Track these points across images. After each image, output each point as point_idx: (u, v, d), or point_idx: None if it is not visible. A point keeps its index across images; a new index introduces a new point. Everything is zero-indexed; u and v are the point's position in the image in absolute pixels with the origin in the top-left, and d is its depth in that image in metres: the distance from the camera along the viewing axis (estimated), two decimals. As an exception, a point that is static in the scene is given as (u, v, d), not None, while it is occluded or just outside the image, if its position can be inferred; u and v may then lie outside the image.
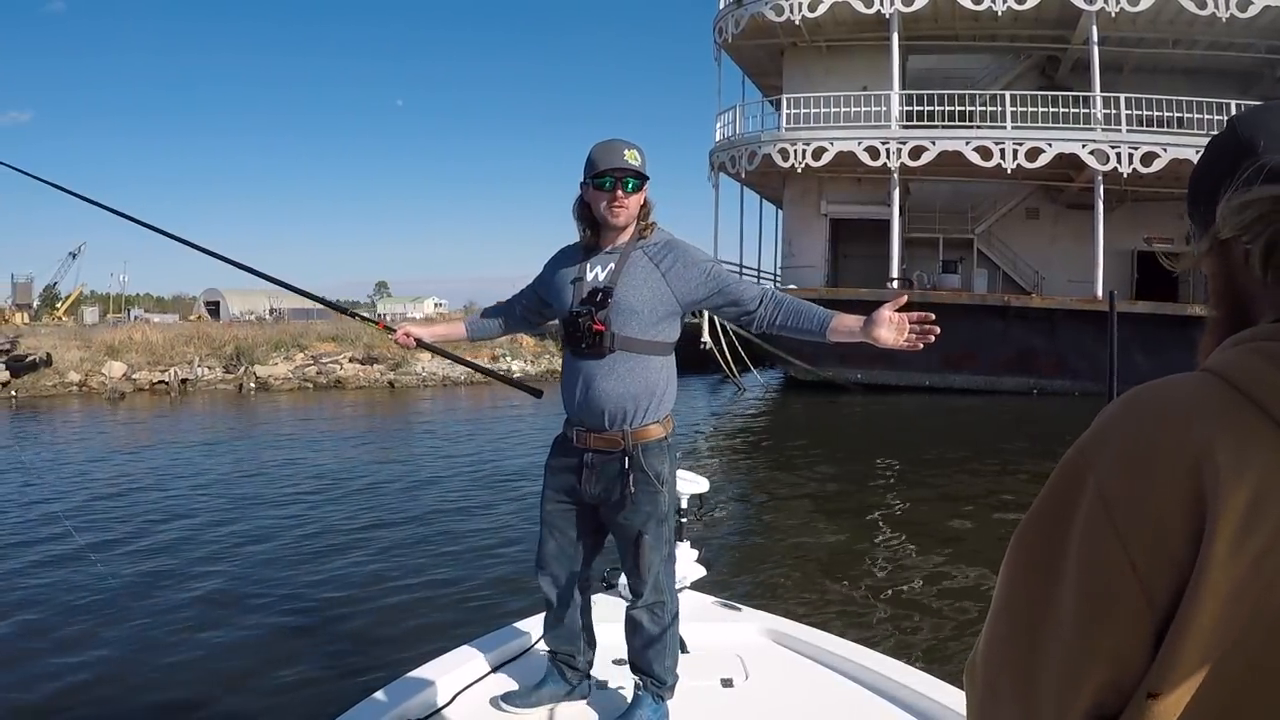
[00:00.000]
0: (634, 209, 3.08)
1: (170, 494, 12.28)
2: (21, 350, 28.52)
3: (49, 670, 6.10)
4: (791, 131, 27.63)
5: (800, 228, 30.20)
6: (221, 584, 7.97)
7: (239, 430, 19.83)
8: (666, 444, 3.14)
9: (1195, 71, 28.30)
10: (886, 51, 27.33)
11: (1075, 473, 0.85)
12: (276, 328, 32.27)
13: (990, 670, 0.91)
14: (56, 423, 21.91)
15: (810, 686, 3.52)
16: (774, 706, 3.36)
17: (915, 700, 3.27)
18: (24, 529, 10.30)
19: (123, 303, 69.68)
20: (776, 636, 3.92)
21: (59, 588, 7.93)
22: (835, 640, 3.85)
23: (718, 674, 3.54)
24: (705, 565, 4.31)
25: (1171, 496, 0.78)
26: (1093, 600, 0.81)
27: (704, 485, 4.18)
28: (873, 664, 3.56)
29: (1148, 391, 0.86)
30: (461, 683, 3.41)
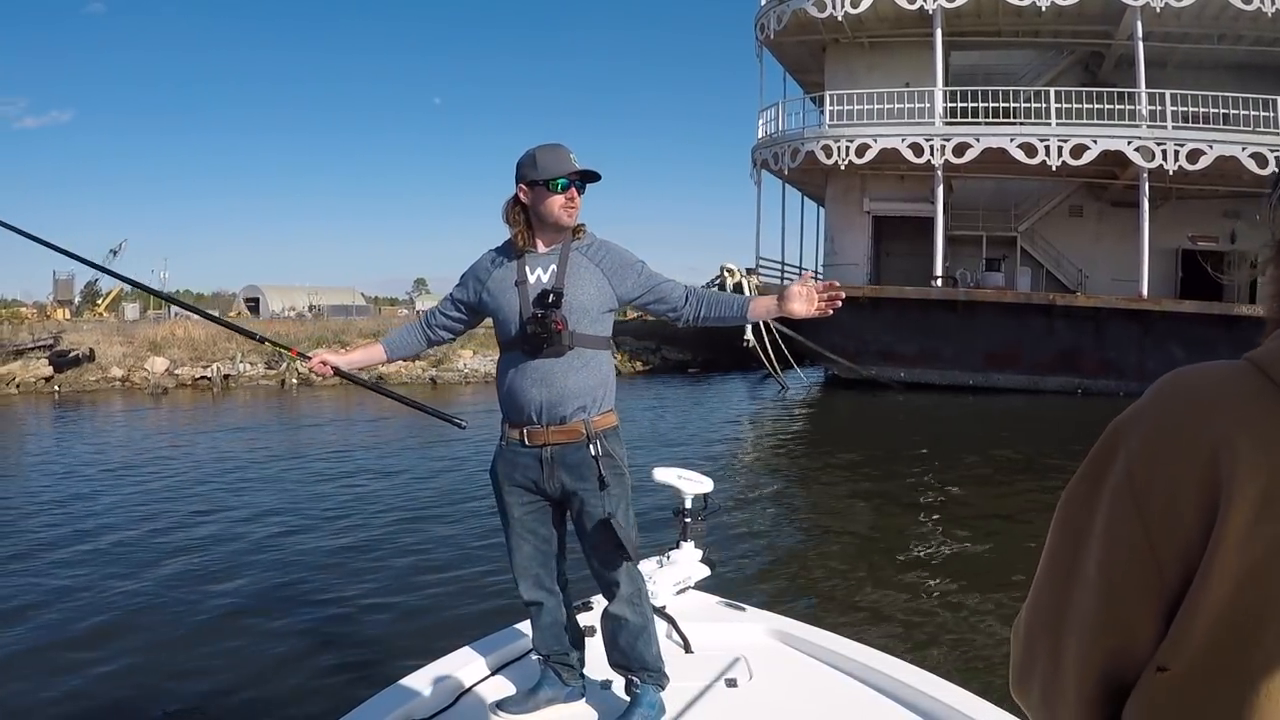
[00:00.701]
0: (580, 208, 3.20)
1: (206, 488, 12.47)
2: (64, 346, 28.78)
3: (68, 662, 6.22)
4: (835, 128, 27.40)
5: (843, 225, 29.99)
6: (238, 580, 8.07)
7: (281, 426, 19.98)
8: (619, 430, 3.26)
9: (1240, 67, 27.81)
10: (929, 48, 27.06)
11: (1109, 448, 0.89)
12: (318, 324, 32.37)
13: (1030, 628, 0.97)
14: (99, 417, 22.14)
15: (815, 687, 3.52)
16: (778, 707, 3.34)
17: (921, 700, 3.28)
18: (60, 520, 10.53)
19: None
20: (781, 636, 3.93)
21: (79, 582, 8.08)
22: (840, 640, 3.84)
23: (722, 674, 3.53)
24: (710, 565, 4.32)
25: (1189, 479, 0.81)
26: (1110, 570, 0.86)
27: (708, 485, 4.22)
28: (878, 664, 3.57)
29: (1183, 375, 0.89)
30: (463, 685, 3.43)
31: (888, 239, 30.26)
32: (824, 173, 28.73)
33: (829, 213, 30.97)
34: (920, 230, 27.96)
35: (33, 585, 8.00)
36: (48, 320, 38.64)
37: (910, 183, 28.27)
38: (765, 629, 3.98)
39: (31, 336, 29.30)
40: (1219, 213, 28.10)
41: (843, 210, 29.93)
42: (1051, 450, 14.86)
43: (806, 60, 30.89)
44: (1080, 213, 30.52)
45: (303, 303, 53.13)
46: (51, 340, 28.85)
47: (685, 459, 14.14)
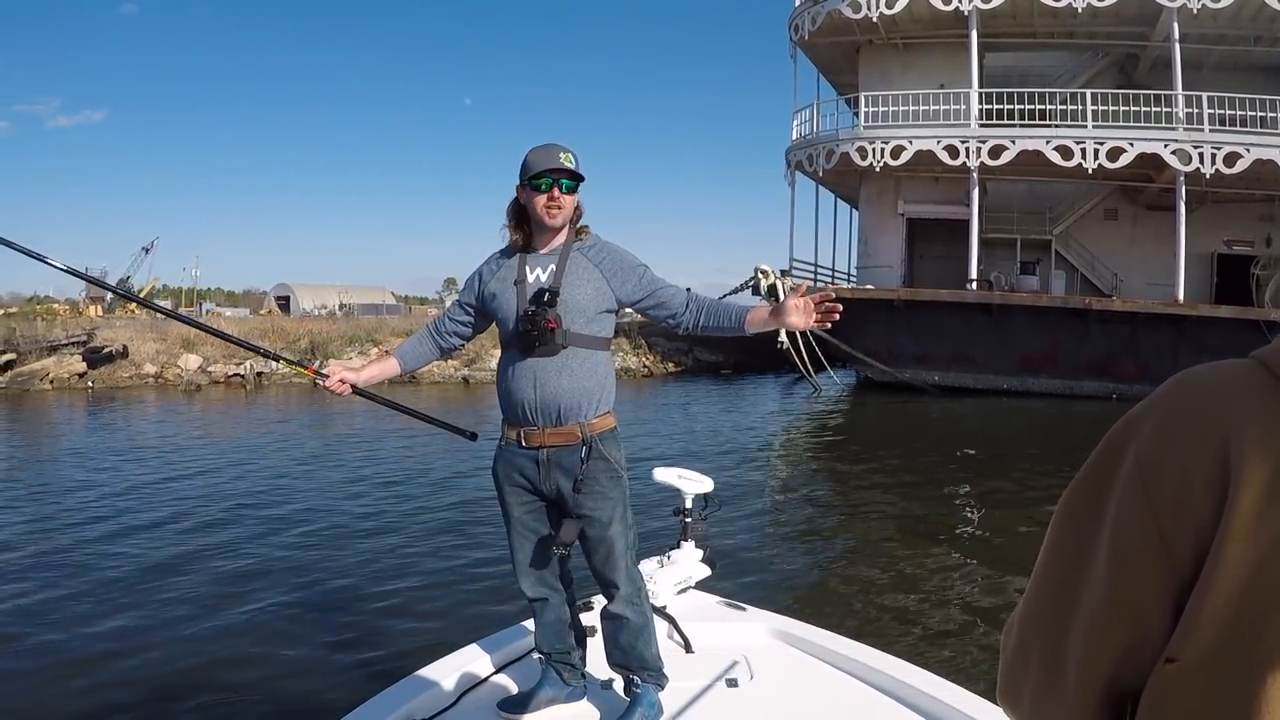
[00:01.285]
0: (569, 209, 3.18)
1: (228, 483, 12.63)
2: (98, 342, 28.96)
3: (81, 652, 6.36)
4: (870, 130, 27.27)
5: (876, 227, 29.84)
6: (246, 575, 8.19)
7: (311, 423, 20.06)
8: (616, 432, 3.24)
9: (1277, 69, 27.61)
10: (964, 49, 26.90)
11: (1119, 442, 0.88)
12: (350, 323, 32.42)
13: (1024, 627, 0.96)
14: (131, 413, 22.27)
15: (816, 686, 3.52)
16: (779, 706, 3.34)
17: (922, 701, 3.28)
18: (82, 514, 10.71)
19: (195, 296, 70.59)
20: (782, 636, 3.93)
21: (95, 566, 8.37)
22: (841, 640, 3.84)
23: (723, 674, 3.54)
24: (711, 565, 4.31)
25: (1199, 468, 0.81)
26: (1121, 561, 0.85)
27: (708, 485, 4.23)
28: (879, 664, 3.57)
29: (1194, 372, 0.89)
30: (465, 684, 3.44)
31: (921, 241, 30.08)
32: (858, 174, 28.59)
33: (862, 215, 30.83)
34: (954, 233, 27.80)
35: (45, 577, 8.15)
36: (80, 317, 38.89)
37: (944, 185, 28.11)
38: (766, 629, 3.99)
39: (65, 333, 29.51)
40: (1255, 216, 27.85)
41: (876, 212, 29.78)
42: (1082, 456, 14.55)
43: (840, 61, 30.74)
44: (1115, 216, 30.29)
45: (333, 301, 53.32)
46: (85, 337, 29.06)
47: (709, 459, 14.42)
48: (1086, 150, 25.62)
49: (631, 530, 3.25)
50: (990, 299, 25.65)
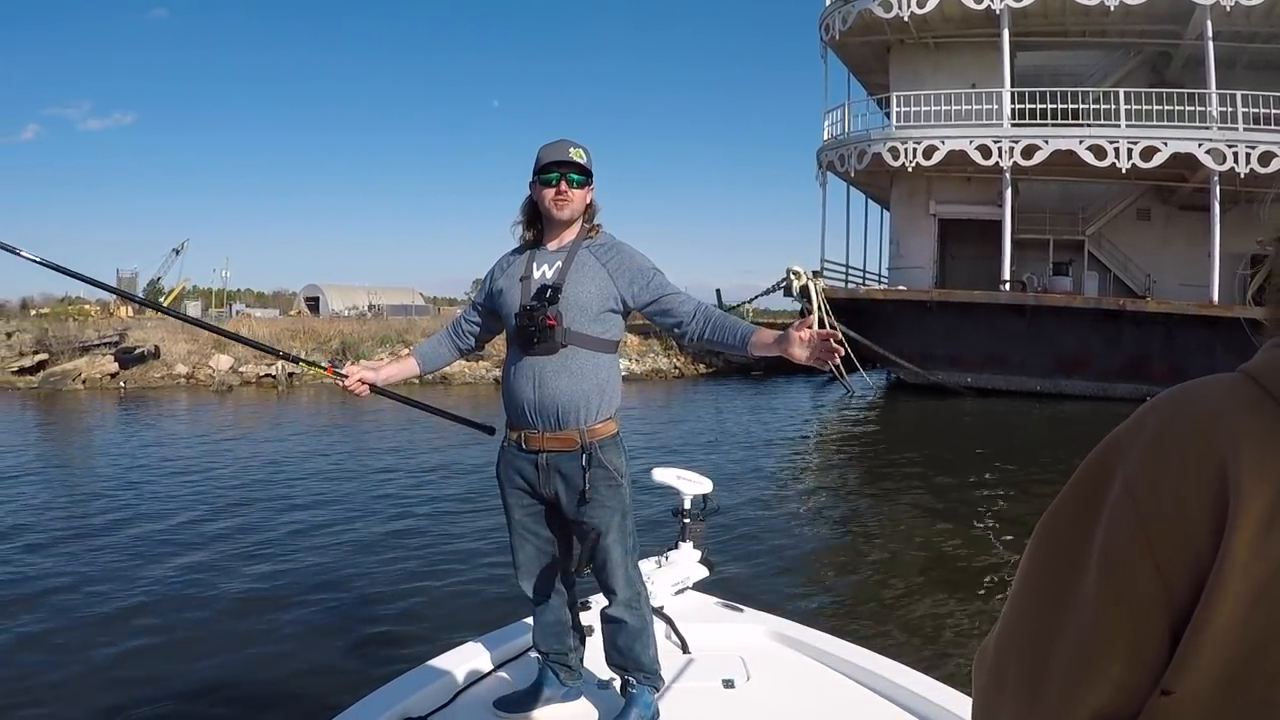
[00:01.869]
0: (579, 204, 3.14)
1: (253, 481, 12.74)
2: (130, 343, 29.10)
3: (82, 640, 6.48)
4: (902, 130, 27.15)
5: (908, 228, 29.70)
6: (258, 571, 8.27)
7: (341, 422, 20.16)
8: (619, 439, 3.19)
9: (1311, 68, 27.37)
10: (995, 48, 26.73)
11: (1105, 466, 0.85)
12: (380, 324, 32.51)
13: (1001, 656, 0.91)
14: (163, 412, 22.37)
15: (812, 688, 3.51)
16: (775, 708, 3.34)
17: (917, 704, 3.27)
18: (103, 508, 10.88)
19: (225, 297, 70.99)
20: (779, 638, 3.92)
21: (101, 567, 8.36)
22: (838, 642, 3.83)
23: (719, 675, 3.54)
24: (708, 566, 4.30)
25: (1196, 494, 0.78)
26: (1113, 592, 0.81)
27: (707, 486, 4.21)
28: (875, 666, 3.55)
29: (1181, 391, 0.86)
30: (462, 682, 3.43)
31: (952, 242, 29.92)
32: (889, 175, 28.49)
33: (894, 215, 30.70)
34: (985, 233, 27.64)
35: (60, 569, 8.28)
36: (111, 318, 39.11)
37: (976, 185, 27.94)
38: (763, 630, 3.98)
39: (97, 334, 29.67)
40: (1290, 216, 27.48)
41: (908, 213, 29.65)
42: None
43: (870, 61, 30.62)
44: (1147, 216, 30.02)
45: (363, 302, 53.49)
46: (117, 337, 29.22)
47: (726, 460, 14.50)
48: (1120, 150, 25.41)
49: (631, 537, 3.21)
50: (1024, 300, 25.45)
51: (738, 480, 12.94)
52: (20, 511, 10.82)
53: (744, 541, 9.34)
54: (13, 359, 28.87)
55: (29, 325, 32.49)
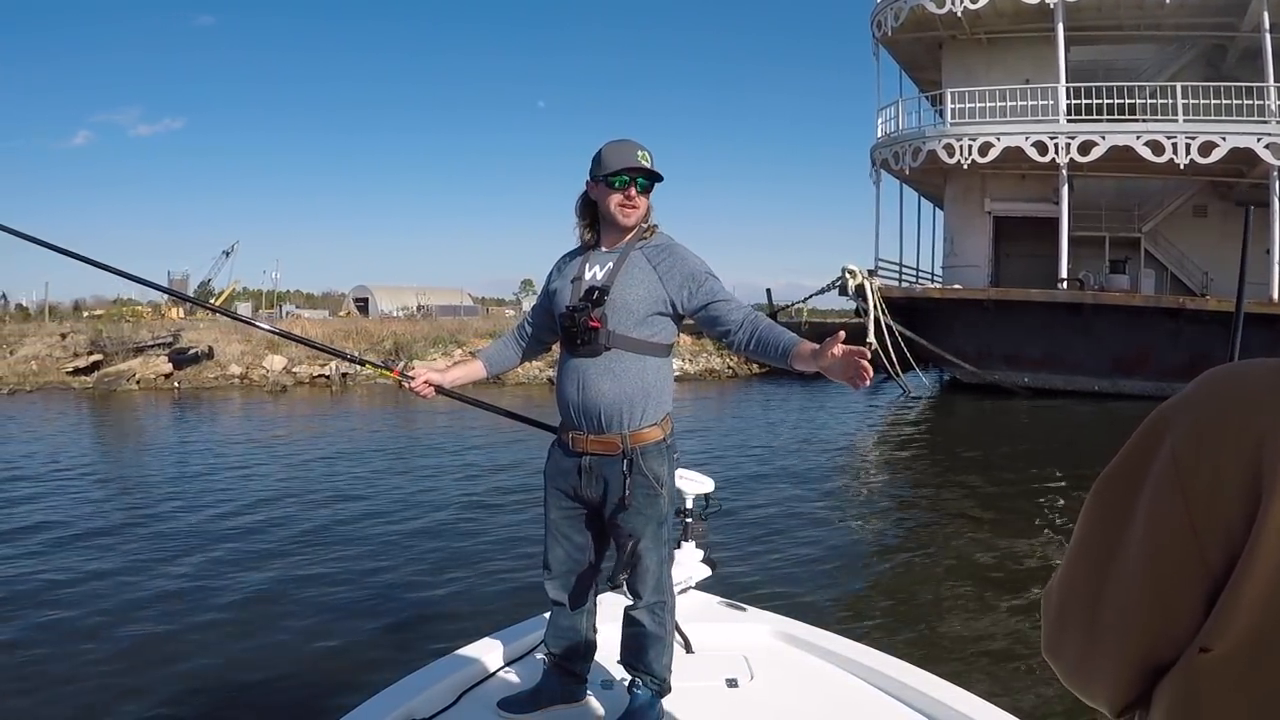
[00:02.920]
0: (644, 210, 3.12)
1: (297, 479, 12.88)
2: (184, 344, 29.35)
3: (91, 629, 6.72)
4: (957, 126, 26.81)
5: (963, 226, 29.37)
6: (272, 568, 8.44)
7: (394, 422, 20.21)
8: (665, 445, 3.14)
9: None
10: (1048, 43, 26.34)
11: (1156, 432, 0.91)
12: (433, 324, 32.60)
13: (1062, 599, 1.00)
14: (217, 412, 22.58)
15: (816, 687, 3.51)
16: (779, 707, 3.34)
17: (922, 703, 3.27)
18: (156, 500, 11.27)
19: (275, 298, 71.53)
20: (782, 637, 3.93)
21: (112, 561, 8.62)
22: (842, 641, 3.85)
23: (722, 674, 3.55)
24: (711, 565, 4.29)
25: (1234, 471, 0.83)
26: (1154, 551, 0.88)
27: (709, 485, 4.19)
28: (880, 665, 3.56)
29: (1230, 369, 0.91)
30: (464, 684, 3.42)
31: (1006, 240, 29.58)
32: (943, 172, 28.18)
33: (948, 213, 30.39)
34: (1039, 231, 27.29)
35: (78, 565, 8.48)
36: (164, 319, 39.50)
37: (1031, 182, 27.61)
38: (766, 629, 3.98)
39: (151, 335, 29.97)
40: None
41: (963, 211, 29.33)
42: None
43: (922, 57, 30.32)
44: (1204, 213, 29.50)
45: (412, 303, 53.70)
46: (171, 338, 29.50)
47: (765, 463, 14.39)
48: (1178, 145, 24.97)
49: (666, 545, 3.20)
50: (1082, 299, 25.10)
51: (763, 480, 12.94)
52: (70, 505, 11.16)
53: (755, 541, 9.35)
54: (67, 359, 29.25)
55: (83, 326, 32.89)
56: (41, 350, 30.18)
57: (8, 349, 30.80)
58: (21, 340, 31.61)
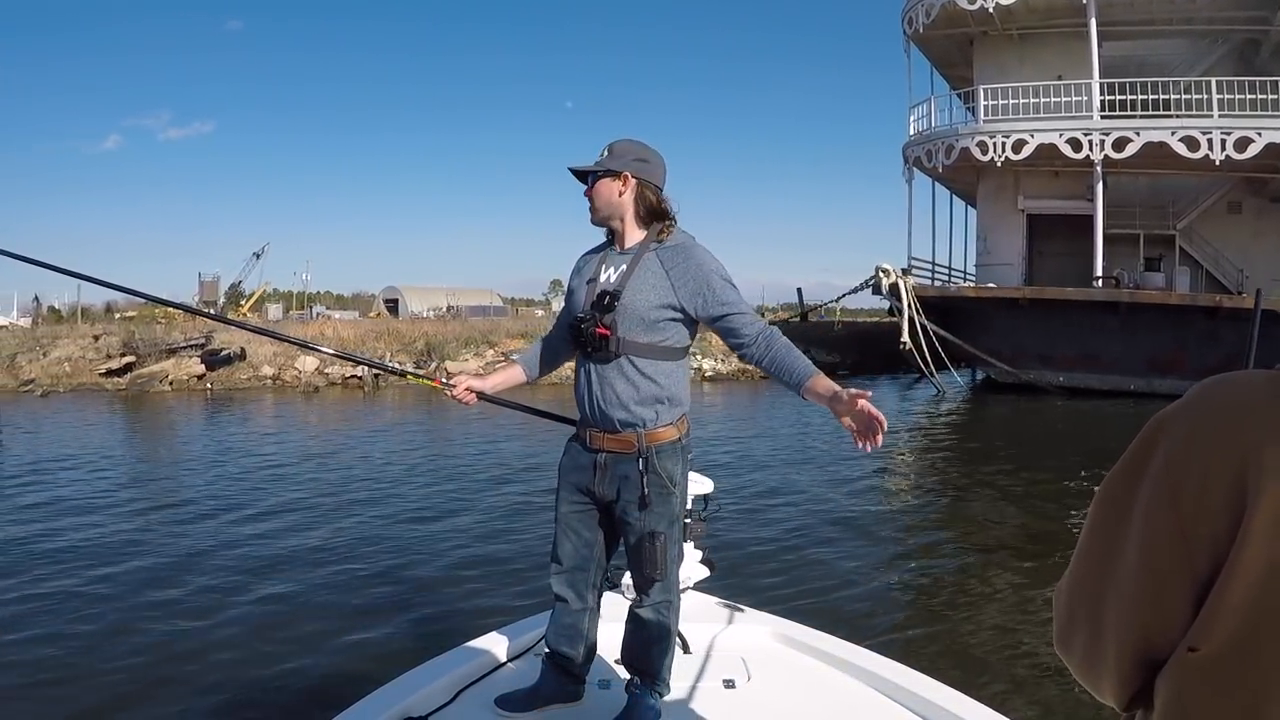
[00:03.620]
0: (602, 201, 3.10)
1: (323, 479, 12.92)
2: (216, 345, 29.45)
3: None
4: (990, 123, 26.61)
5: (996, 224, 29.16)
6: (284, 566, 8.46)
7: (427, 423, 20.28)
8: (680, 445, 3.12)
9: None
10: (1080, 38, 26.12)
11: (1152, 439, 0.96)
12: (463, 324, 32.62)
13: (1071, 596, 1.05)
14: (250, 413, 22.65)
15: (813, 689, 3.51)
16: (776, 708, 3.33)
17: (920, 705, 3.26)
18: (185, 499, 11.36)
19: (305, 300, 71.91)
20: (780, 638, 3.92)
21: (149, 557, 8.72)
22: (840, 643, 3.84)
23: (720, 675, 3.55)
24: (709, 565, 4.31)
25: (1220, 479, 0.87)
26: (1147, 552, 0.93)
27: (708, 485, 4.19)
28: (877, 667, 3.56)
29: (1227, 379, 0.95)
30: (462, 681, 3.41)
31: (1039, 238, 29.36)
32: (975, 170, 28.00)
33: (981, 211, 30.20)
34: (1073, 229, 27.08)
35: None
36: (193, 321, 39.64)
37: (1065, 179, 27.39)
38: (764, 630, 3.98)
39: (184, 336, 30.08)
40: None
41: (996, 209, 29.12)
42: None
43: (953, 54, 30.13)
44: (1239, 209, 29.19)
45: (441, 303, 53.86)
46: (203, 340, 29.60)
47: (782, 463, 14.26)
48: (1213, 141, 24.70)
49: (676, 544, 3.17)
50: (1118, 297, 24.89)
51: (784, 480, 12.80)
52: (97, 504, 11.28)
53: (767, 542, 9.28)
54: (101, 361, 29.37)
55: (116, 328, 33.04)
56: (75, 352, 30.32)
57: (41, 351, 30.96)
58: (55, 342, 31.77)
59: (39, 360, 29.98)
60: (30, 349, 31.17)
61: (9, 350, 30.71)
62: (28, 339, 33.54)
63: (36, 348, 31.36)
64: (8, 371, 28.27)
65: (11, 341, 33.08)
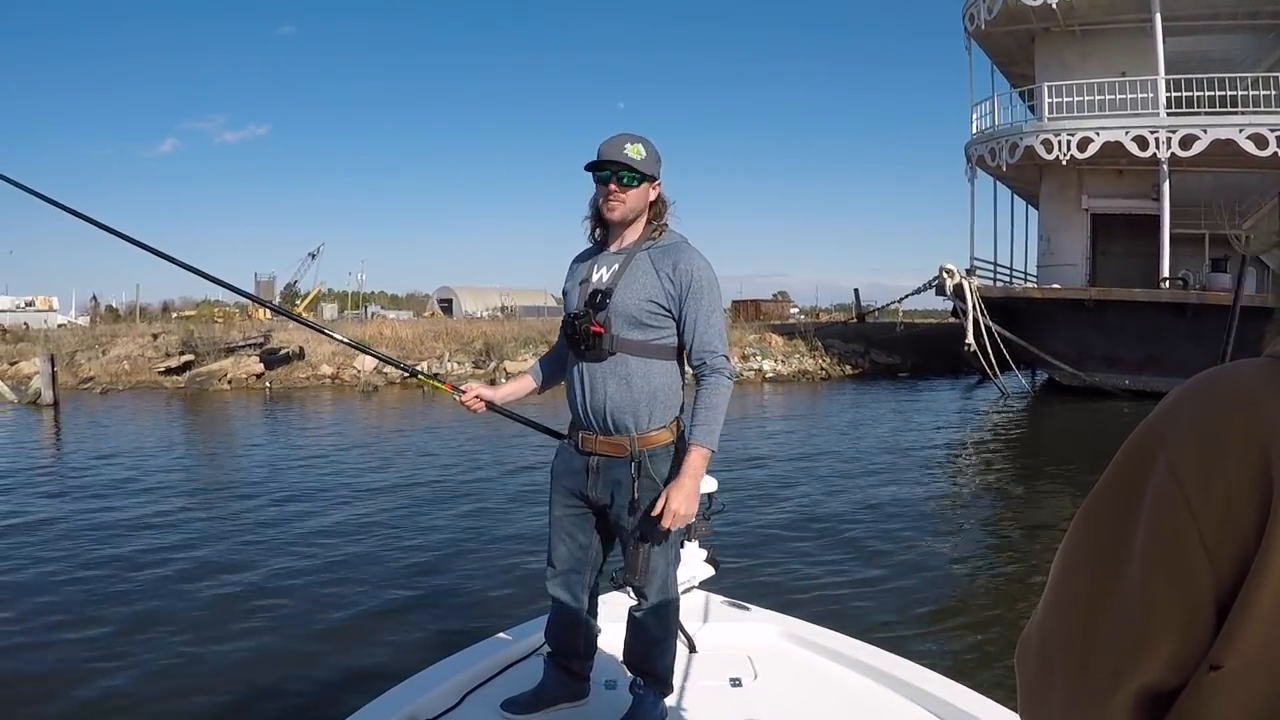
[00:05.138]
0: (632, 204, 3.04)
1: (361, 478, 13.07)
2: (275, 344, 29.68)
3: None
4: (1055, 121, 26.20)
5: (1059, 224, 28.68)
6: (294, 566, 8.58)
7: (477, 426, 20.20)
8: (673, 448, 3.08)
9: None
10: (1144, 34, 25.55)
11: (1147, 450, 0.87)
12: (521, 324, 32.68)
13: (1046, 641, 0.95)
14: (308, 412, 22.91)
15: (820, 686, 3.51)
16: (783, 706, 3.34)
17: (928, 702, 3.25)
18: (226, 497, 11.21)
19: (359, 300, 72.56)
20: (787, 636, 3.93)
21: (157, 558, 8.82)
22: (845, 640, 3.85)
23: (726, 673, 3.57)
24: (714, 564, 4.32)
25: (1242, 477, 0.80)
26: (1164, 572, 0.84)
27: (712, 485, 4.14)
28: (884, 664, 3.56)
29: (1218, 375, 0.89)
30: (468, 685, 3.42)
31: (1101, 237, 28.94)
32: (1038, 169, 27.58)
33: (1044, 211, 29.74)
34: (1135, 229, 26.63)
35: None
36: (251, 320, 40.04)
37: (1129, 178, 26.91)
38: (770, 629, 3.99)
39: (242, 335, 30.35)
40: None
41: (1059, 208, 28.65)
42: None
43: (1014, 51, 29.69)
44: (1307, 207, 28.76)
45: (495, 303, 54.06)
46: (261, 339, 29.87)
47: (858, 465, 14.26)
48: (1282, 138, 24.29)
49: (673, 547, 3.18)
50: (1186, 298, 24.46)
51: (826, 481, 12.84)
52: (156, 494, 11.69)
53: (747, 540, 9.24)
54: (159, 359, 29.71)
55: (174, 327, 33.43)
56: (134, 350, 30.69)
57: (100, 349, 31.35)
58: (113, 340, 32.19)
59: (98, 359, 30.37)
60: (89, 347, 31.63)
61: (69, 348, 31.18)
62: (86, 337, 34.06)
63: (95, 346, 31.80)
64: (67, 369, 28.60)
65: (71, 340, 33.62)
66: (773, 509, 10.97)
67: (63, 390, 25.08)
